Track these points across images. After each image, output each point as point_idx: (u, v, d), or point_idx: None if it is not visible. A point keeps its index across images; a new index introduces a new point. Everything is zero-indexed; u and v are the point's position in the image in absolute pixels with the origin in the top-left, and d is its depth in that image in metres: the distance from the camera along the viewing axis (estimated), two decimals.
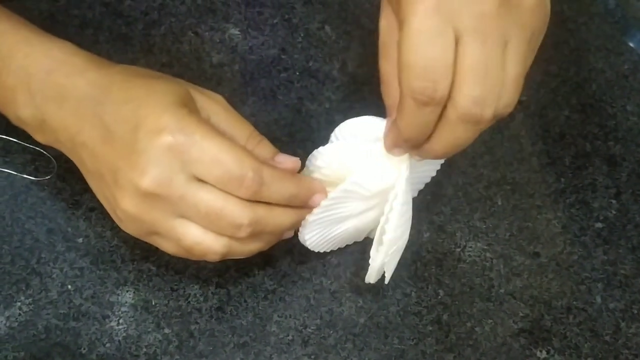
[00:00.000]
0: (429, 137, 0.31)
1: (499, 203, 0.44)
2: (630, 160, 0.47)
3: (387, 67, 0.33)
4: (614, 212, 0.44)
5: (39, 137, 0.37)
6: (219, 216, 0.32)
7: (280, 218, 0.34)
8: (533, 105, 0.48)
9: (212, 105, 0.35)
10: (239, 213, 0.32)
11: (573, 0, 0.54)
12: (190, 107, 0.33)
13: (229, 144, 0.32)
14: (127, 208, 0.32)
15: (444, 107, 0.29)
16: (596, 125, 0.48)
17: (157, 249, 0.39)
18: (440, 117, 0.30)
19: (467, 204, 0.44)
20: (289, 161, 0.36)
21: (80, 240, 0.39)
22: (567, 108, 0.49)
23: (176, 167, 0.31)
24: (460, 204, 0.44)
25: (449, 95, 0.29)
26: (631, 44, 0.54)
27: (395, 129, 0.32)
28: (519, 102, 0.48)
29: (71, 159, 0.37)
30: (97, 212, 0.40)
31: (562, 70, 0.50)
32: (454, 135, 0.30)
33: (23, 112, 0.35)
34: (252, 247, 0.35)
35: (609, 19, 0.54)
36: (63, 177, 0.41)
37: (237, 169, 0.32)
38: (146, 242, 0.39)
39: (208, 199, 0.32)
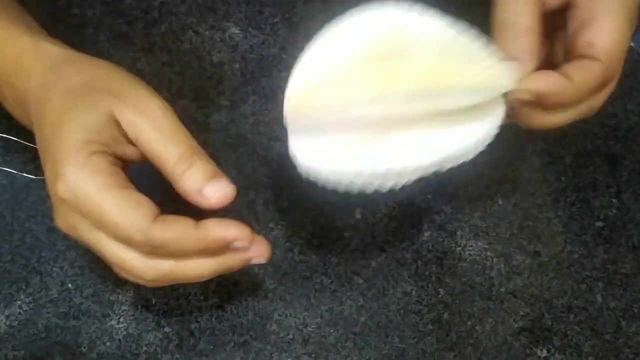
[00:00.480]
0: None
1: (500, 202, 0.44)
2: (630, 159, 0.47)
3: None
4: (614, 210, 0.44)
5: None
6: (124, 269, 0.32)
7: (194, 271, 0.32)
8: None
9: (144, 122, 0.32)
10: (140, 270, 0.31)
11: None
12: (94, 148, 0.31)
13: (119, 202, 0.30)
14: (62, 196, 0.32)
15: None
16: (597, 124, 0.48)
17: None
18: None
19: (468, 203, 0.44)
20: (217, 195, 0.32)
21: None
22: None
23: (77, 217, 0.31)
24: (460, 203, 0.44)
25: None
26: (631, 44, 0.54)
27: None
28: None
29: None
30: None
31: None
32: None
33: None
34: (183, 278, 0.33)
35: None
36: None
37: (124, 232, 0.30)
38: None
39: (110, 249, 0.31)
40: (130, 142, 0.33)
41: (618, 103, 0.49)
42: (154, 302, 0.38)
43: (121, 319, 0.37)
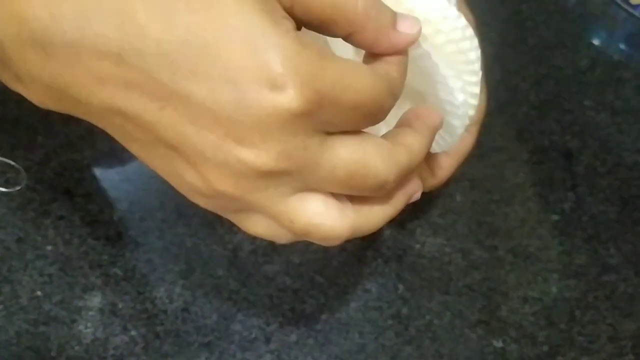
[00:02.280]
0: None
1: (458, 199, 0.45)
2: (586, 153, 0.48)
3: None
4: (570, 204, 0.46)
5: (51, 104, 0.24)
6: (363, 175, 0.25)
7: (420, 156, 0.27)
8: (492, 103, 0.49)
9: None
10: (383, 166, 0.25)
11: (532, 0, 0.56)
12: (279, 14, 0.22)
13: (361, 66, 0.24)
14: (224, 189, 0.23)
15: None
16: (554, 120, 0.49)
17: (124, 254, 0.41)
18: None
19: (427, 201, 0.45)
20: (415, 25, 0.26)
21: (49, 248, 0.41)
22: (526, 105, 0.50)
23: (309, 127, 0.23)
24: (420, 201, 0.45)
25: None
26: (594, 42, 0.55)
27: None
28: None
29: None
30: (65, 220, 0.42)
31: (521, 68, 0.52)
32: None
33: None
34: (383, 215, 0.27)
35: (568, 16, 0.55)
36: (33, 188, 0.42)
37: (377, 94, 0.24)
38: (112, 248, 0.41)
39: (348, 157, 0.24)
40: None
41: (575, 99, 0.51)
42: (120, 306, 0.39)
43: (89, 324, 0.39)
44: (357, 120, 0.24)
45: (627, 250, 0.44)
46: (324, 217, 0.25)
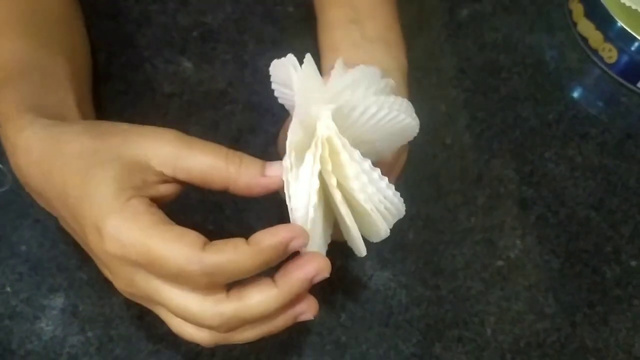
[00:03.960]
0: None
1: (410, 237, 0.48)
2: (540, 204, 0.50)
3: None
4: (516, 251, 0.48)
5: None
6: (188, 316, 0.32)
7: (259, 306, 0.32)
8: (456, 148, 0.52)
9: (175, 148, 0.33)
10: (204, 314, 0.31)
11: (510, 50, 0.58)
12: (128, 194, 0.31)
13: (165, 236, 0.30)
14: (120, 288, 0.35)
15: None
16: (513, 170, 0.52)
17: (90, 261, 0.44)
18: None
19: None
20: (279, 171, 0.33)
21: (23, 248, 0.44)
22: (488, 152, 0.52)
23: (131, 269, 0.32)
24: None
25: None
26: (567, 96, 0.57)
27: None
28: (444, 144, 0.53)
29: None
30: (40, 224, 0.45)
31: (488, 116, 0.54)
32: None
33: None
34: (245, 337, 0.34)
35: (543, 69, 0.58)
36: (15, 191, 0.46)
37: (175, 265, 0.30)
38: (80, 254, 0.44)
39: (168, 297, 0.31)
40: (161, 181, 0.33)
41: (537, 151, 0.53)
42: (80, 309, 0.43)
43: (50, 322, 0.42)
44: (170, 277, 0.31)
45: (565, 301, 0.46)
46: (183, 329, 0.34)
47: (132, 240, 0.30)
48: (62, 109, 0.38)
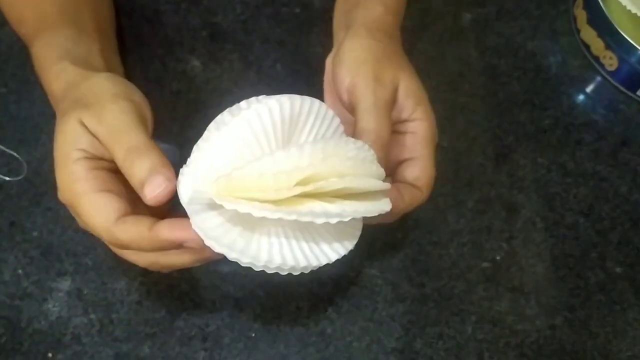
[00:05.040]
0: None
1: (399, 236, 0.50)
2: (528, 209, 0.52)
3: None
4: (502, 254, 0.50)
5: None
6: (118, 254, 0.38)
7: (177, 260, 0.38)
8: (451, 151, 0.54)
9: (98, 127, 0.37)
10: (129, 257, 0.38)
11: (510, 55, 0.59)
12: (75, 156, 0.36)
13: (89, 206, 0.36)
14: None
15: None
16: (505, 174, 0.53)
17: (95, 248, 0.48)
18: None
19: (371, 234, 0.50)
20: (154, 193, 0.35)
21: (35, 234, 0.48)
22: (481, 156, 0.54)
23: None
24: (365, 233, 0.50)
25: None
26: (565, 102, 0.58)
27: None
28: (441, 146, 0.54)
29: None
30: (52, 212, 0.48)
31: (484, 120, 0.56)
32: None
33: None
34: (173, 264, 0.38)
35: (542, 75, 0.59)
36: (30, 180, 0.49)
37: (96, 232, 0.36)
38: (87, 241, 0.48)
39: (100, 236, 0.37)
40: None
41: (530, 156, 0.54)
42: (85, 292, 0.46)
43: (56, 304, 0.45)
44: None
45: (547, 304, 0.48)
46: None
47: (69, 203, 0.37)
48: (90, 58, 0.43)
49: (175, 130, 0.53)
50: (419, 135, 0.42)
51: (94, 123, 0.37)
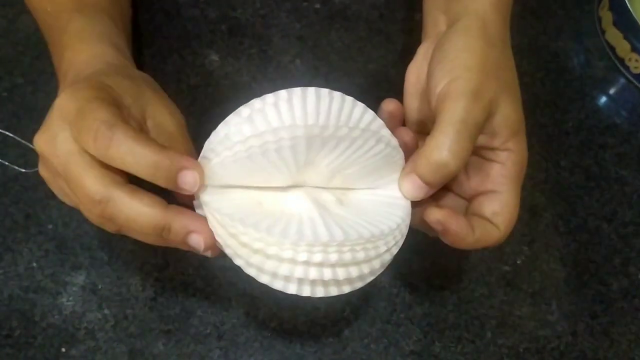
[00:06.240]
0: None
1: (419, 238, 0.49)
2: (550, 211, 0.51)
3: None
4: (523, 257, 0.49)
5: None
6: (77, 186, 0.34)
7: (134, 210, 0.33)
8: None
9: (163, 118, 0.39)
10: (93, 187, 0.33)
11: (534, 56, 0.58)
12: (63, 126, 0.36)
13: (82, 175, 0.34)
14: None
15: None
16: (527, 176, 0.52)
17: (111, 242, 0.47)
18: None
19: None
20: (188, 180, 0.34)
21: (50, 226, 0.47)
22: None
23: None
24: None
25: None
26: (589, 104, 0.57)
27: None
28: None
29: None
30: (67, 205, 0.48)
31: None
32: None
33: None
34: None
35: (566, 76, 0.58)
36: None
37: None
38: (102, 235, 0.47)
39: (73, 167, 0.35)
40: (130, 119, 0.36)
41: (553, 159, 0.53)
42: (99, 287, 0.45)
43: (70, 298, 0.45)
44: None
45: (568, 310, 0.47)
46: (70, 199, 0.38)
47: (58, 162, 0.36)
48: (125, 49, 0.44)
49: (193, 123, 0.52)
50: (507, 168, 0.38)
51: (159, 115, 0.39)
